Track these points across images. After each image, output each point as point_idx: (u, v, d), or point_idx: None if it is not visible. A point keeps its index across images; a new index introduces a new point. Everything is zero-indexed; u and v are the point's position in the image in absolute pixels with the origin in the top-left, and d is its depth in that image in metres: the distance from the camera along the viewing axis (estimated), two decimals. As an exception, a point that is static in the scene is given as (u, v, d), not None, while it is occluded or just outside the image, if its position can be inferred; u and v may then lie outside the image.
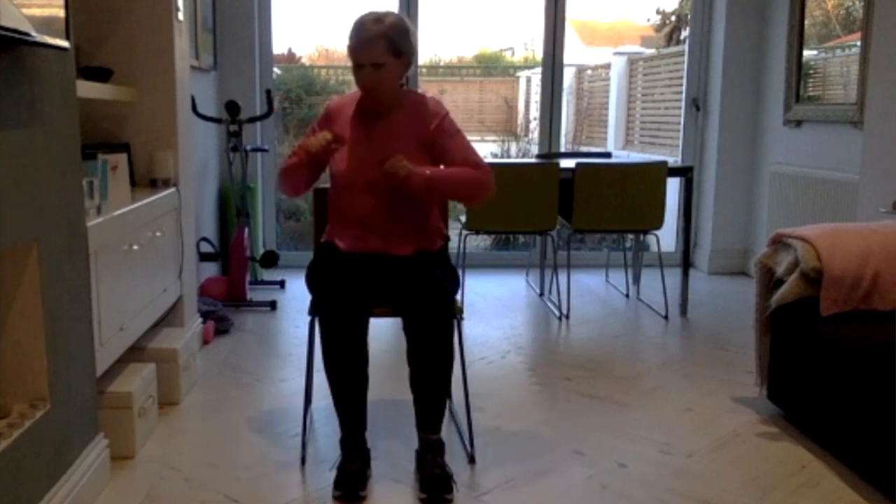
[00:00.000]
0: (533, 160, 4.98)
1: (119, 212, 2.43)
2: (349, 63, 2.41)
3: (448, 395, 2.47)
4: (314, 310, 2.36)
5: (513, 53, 7.97)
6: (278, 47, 5.42)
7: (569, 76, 7.02)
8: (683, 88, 5.39)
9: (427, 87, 6.09)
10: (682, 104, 5.40)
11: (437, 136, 2.45)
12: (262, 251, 4.78)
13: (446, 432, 2.36)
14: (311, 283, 2.42)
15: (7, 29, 1.54)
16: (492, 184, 2.47)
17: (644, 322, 4.09)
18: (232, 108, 4.17)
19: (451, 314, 2.29)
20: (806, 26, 4.54)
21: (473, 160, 2.46)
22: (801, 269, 2.59)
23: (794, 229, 2.75)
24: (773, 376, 2.82)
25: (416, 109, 2.47)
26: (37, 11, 1.73)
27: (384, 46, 2.32)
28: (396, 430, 2.64)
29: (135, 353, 2.71)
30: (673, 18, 7.35)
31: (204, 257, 4.14)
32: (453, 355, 2.30)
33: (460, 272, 2.57)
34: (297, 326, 3.89)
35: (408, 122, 2.45)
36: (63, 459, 1.98)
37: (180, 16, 3.09)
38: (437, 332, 2.25)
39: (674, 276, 4.49)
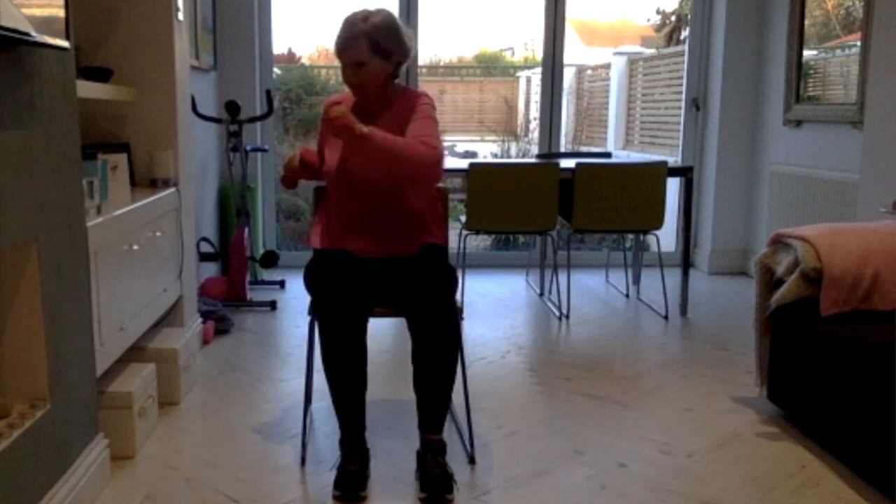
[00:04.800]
0: (533, 160, 4.98)
1: (119, 212, 2.43)
2: None
3: (451, 396, 2.47)
4: (313, 310, 2.36)
5: (513, 53, 7.97)
6: (278, 47, 5.43)
7: (569, 76, 7.02)
8: (683, 88, 5.39)
9: (427, 87, 6.09)
10: (682, 104, 5.40)
11: (411, 117, 2.40)
12: (262, 251, 4.78)
13: (446, 432, 2.36)
14: (309, 285, 2.42)
15: (7, 29, 1.54)
16: (436, 162, 2.31)
17: (644, 322, 4.09)
18: (232, 108, 4.17)
19: (455, 313, 2.29)
20: (806, 26, 4.54)
21: (425, 138, 2.33)
22: (801, 269, 2.59)
23: (794, 229, 2.75)
24: (773, 376, 2.82)
25: (406, 106, 2.47)
26: (37, 11, 1.73)
27: (366, 46, 2.33)
28: (396, 430, 2.64)
29: (135, 353, 2.71)
30: (673, 18, 7.35)
31: (204, 257, 4.14)
32: (458, 356, 2.30)
33: (460, 272, 2.57)
34: (297, 326, 3.89)
35: (396, 119, 2.44)
36: (63, 459, 1.98)
37: (180, 16, 3.09)
38: (443, 331, 2.25)
39: (674, 276, 4.49)
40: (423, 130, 2.35)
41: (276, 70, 5.19)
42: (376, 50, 2.34)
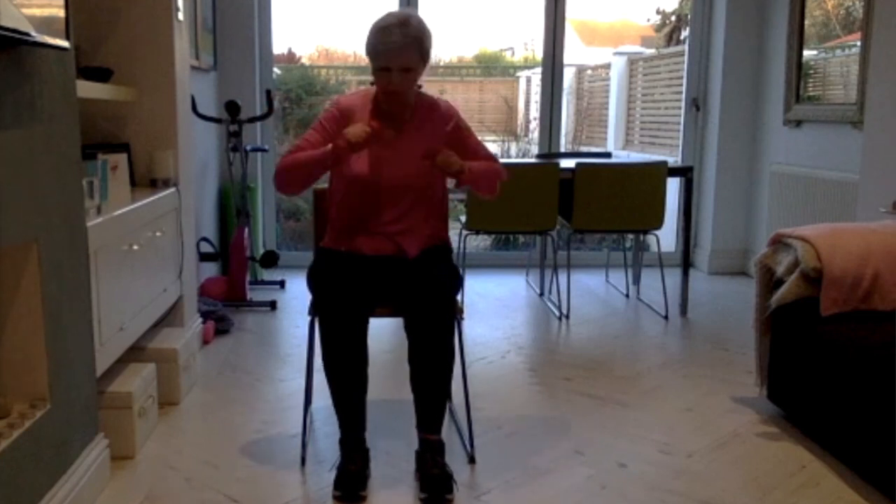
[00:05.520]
0: (533, 160, 4.98)
1: (119, 212, 2.43)
2: (349, 63, 2.40)
3: (448, 395, 2.47)
4: (314, 310, 2.36)
5: (513, 53, 7.96)
6: (278, 47, 5.42)
7: (569, 76, 7.01)
8: (683, 88, 5.39)
9: (427, 87, 6.08)
10: (682, 104, 5.40)
11: (456, 135, 2.50)
12: (262, 251, 4.78)
13: (446, 432, 2.36)
14: (312, 285, 2.42)
15: (7, 29, 1.54)
16: (506, 174, 2.59)
17: (644, 322, 4.09)
18: (232, 108, 4.17)
19: (452, 313, 2.29)
20: (806, 26, 4.54)
21: (489, 154, 2.56)
22: (801, 269, 2.59)
23: (794, 229, 2.75)
24: (773, 376, 2.82)
25: (430, 111, 2.48)
26: (37, 11, 1.73)
27: (415, 51, 2.31)
28: (396, 430, 2.64)
29: (135, 353, 2.71)
30: (673, 18, 7.35)
31: (204, 257, 4.14)
32: (454, 355, 2.30)
33: (460, 272, 2.57)
34: (297, 326, 3.89)
35: (425, 124, 2.46)
36: (63, 459, 1.98)
37: (180, 16, 3.09)
38: (438, 331, 2.25)
39: (674, 276, 4.49)
40: (484, 150, 2.56)
41: (276, 70, 5.19)
42: (422, 55, 2.34)
